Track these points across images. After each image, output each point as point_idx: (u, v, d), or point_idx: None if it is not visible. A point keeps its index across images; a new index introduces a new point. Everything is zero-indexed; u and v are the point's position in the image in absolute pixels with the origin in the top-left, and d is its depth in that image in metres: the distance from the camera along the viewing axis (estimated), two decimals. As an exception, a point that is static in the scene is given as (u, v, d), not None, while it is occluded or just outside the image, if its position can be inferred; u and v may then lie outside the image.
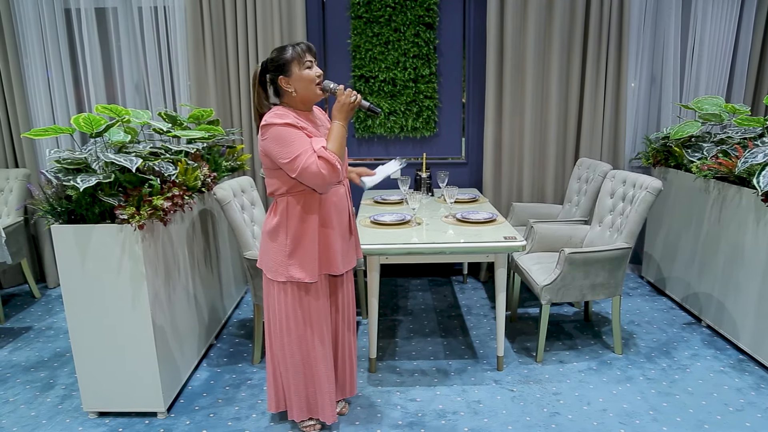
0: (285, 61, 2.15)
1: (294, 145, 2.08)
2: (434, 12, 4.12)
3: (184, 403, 2.77)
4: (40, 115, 4.25)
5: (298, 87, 2.18)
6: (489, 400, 2.74)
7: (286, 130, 2.09)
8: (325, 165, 2.08)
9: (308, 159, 2.07)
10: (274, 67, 2.18)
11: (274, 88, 2.23)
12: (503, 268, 2.85)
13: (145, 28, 4.18)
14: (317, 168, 2.06)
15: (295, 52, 2.15)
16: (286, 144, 2.08)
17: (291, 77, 2.17)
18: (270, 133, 2.10)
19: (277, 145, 2.10)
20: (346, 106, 2.17)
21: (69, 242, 2.39)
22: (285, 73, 2.17)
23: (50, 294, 4.32)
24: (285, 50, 2.16)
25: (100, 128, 2.40)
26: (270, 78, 2.21)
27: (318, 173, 2.07)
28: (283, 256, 2.23)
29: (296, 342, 2.31)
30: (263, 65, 2.22)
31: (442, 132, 4.40)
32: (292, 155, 2.08)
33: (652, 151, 4.09)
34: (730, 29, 4.24)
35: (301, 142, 2.09)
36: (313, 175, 2.07)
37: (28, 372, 3.11)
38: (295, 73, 2.16)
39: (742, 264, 3.07)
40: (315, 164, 2.06)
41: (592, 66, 4.12)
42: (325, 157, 2.08)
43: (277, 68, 2.17)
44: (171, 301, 2.71)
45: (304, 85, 2.18)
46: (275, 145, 2.10)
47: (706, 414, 2.59)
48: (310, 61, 2.18)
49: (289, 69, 2.16)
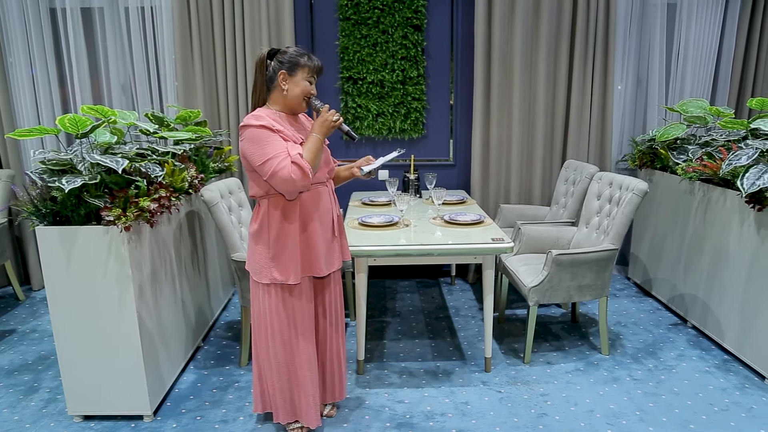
0: (297, 62, 2.19)
1: (267, 147, 2.09)
2: (422, 14, 4.13)
3: (170, 406, 2.75)
4: (25, 116, 4.20)
5: (292, 91, 2.21)
6: (477, 401, 2.75)
7: (260, 131, 2.10)
8: (297, 171, 2.08)
9: (280, 163, 2.07)
10: (283, 61, 2.19)
11: (268, 77, 2.23)
12: (491, 269, 2.86)
13: (131, 28, 4.15)
14: (288, 173, 2.07)
15: (310, 62, 2.22)
16: (260, 146, 2.10)
17: (292, 78, 2.20)
18: (246, 135, 2.12)
19: (251, 146, 2.11)
20: (327, 122, 2.19)
21: (54, 244, 2.36)
22: (289, 71, 2.19)
23: (35, 296, 4.27)
24: (303, 54, 2.21)
25: (85, 129, 2.38)
26: (272, 67, 2.21)
27: (288, 178, 2.07)
28: (266, 258, 2.23)
29: (280, 344, 2.31)
30: (270, 51, 2.23)
31: (430, 134, 4.41)
32: (265, 158, 2.09)
33: (638, 153, 4.12)
34: (715, 33, 4.29)
35: (275, 145, 2.10)
36: (283, 180, 2.08)
37: (11, 375, 3.07)
38: (297, 77, 2.20)
39: (727, 265, 3.10)
40: (287, 168, 2.07)
41: (579, 68, 4.15)
42: (299, 163, 2.08)
43: (285, 63, 2.19)
44: (157, 303, 2.69)
45: (297, 92, 2.21)
46: (250, 146, 2.11)
47: (692, 414, 2.62)
48: (314, 78, 2.26)
49: (295, 71, 2.19)
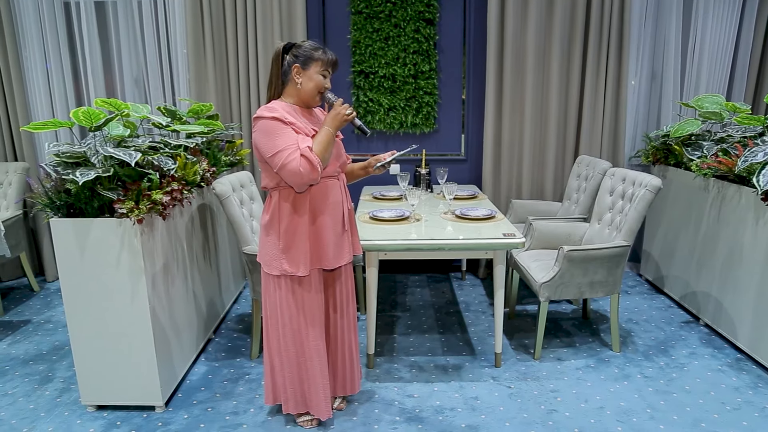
0: (311, 56, 2.20)
1: (278, 139, 2.10)
2: (434, 8, 4.11)
3: (182, 397, 2.77)
4: (40, 109, 4.25)
5: (306, 84, 2.22)
6: (486, 396, 2.75)
7: (273, 123, 2.11)
8: (306, 164, 2.08)
9: (290, 155, 2.08)
10: (298, 55, 2.20)
11: (283, 70, 2.24)
12: (502, 265, 2.85)
13: (144, 22, 4.18)
14: (296, 166, 2.07)
15: (325, 56, 2.22)
16: (271, 138, 2.11)
17: (306, 71, 2.21)
18: (258, 126, 2.14)
19: (263, 137, 2.13)
20: (340, 116, 2.20)
21: (68, 236, 2.38)
22: (303, 65, 2.20)
23: (49, 287, 4.32)
24: (318, 48, 2.22)
25: (99, 122, 2.40)
26: (287, 61, 2.23)
27: (297, 171, 2.08)
28: (276, 250, 2.25)
29: (290, 334, 2.33)
30: (286, 45, 2.24)
31: (442, 128, 4.40)
32: (275, 150, 2.10)
33: (651, 149, 4.08)
34: (732, 27, 4.23)
35: (286, 137, 2.11)
36: (291, 173, 2.09)
37: (26, 365, 3.11)
38: (311, 71, 2.21)
39: (741, 263, 3.07)
40: (296, 161, 2.08)
41: (593, 63, 4.11)
42: (308, 157, 2.09)
43: (300, 57, 2.20)
44: (169, 295, 2.71)
45: (311, 86, 2.22)
46: (262, 138, 2.13)
47: (704, 413, 2.60)
48: (329, 71, 2.25)
49: (309, 64, 2.21)
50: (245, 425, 2.53)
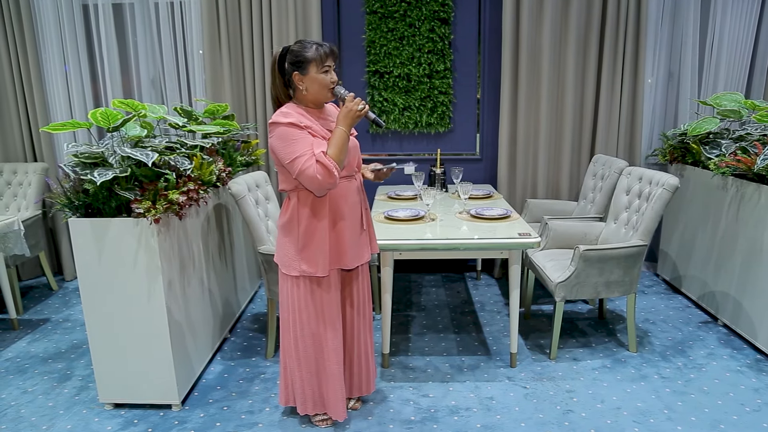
0: (304, 59, 2.14)
1: (295, 145, 2.09)
2: (449, 7, 4.10)
3: (198, 395, 2.79)
4: (58, 110, 4.31)
5: (311, 88, 2.18)
6: (502, 396, 2.74)
7: (288, 130, 2.10)
8: (322, 170, 2.07)
9: (306, 162, 2.07)
10: (293, 62, 2.16)
11: (287, 79, 2.22)
12: (517, 264, 2.84)
13: (161, 23, 4.22)
14: (313, 173, 2.06)
15: (317, 53, 2.13)
16: (287, 144, 2.10)
17: (306, 76, 2.16)
18: (275, 132, 2.13)
19: (280, 143, 2.11)
20: (352, 113, 2.15)
21: (86, 235, 2.41)
22: (301, 71, 2.16)
23: (67, 286, 4.38)
24: (308, 48, 2.14)
25: (116, 123, 2.42)
26: (287, 69, 2.20)
27: (314, 178, 2.07)
28: (294, 251, 2.25)
29: (309, 335, 2.33)
30: (283, 51, 2.19)
31: (457, 128, 4.38)
32: (292, 156, 2.09)
33: (668, 148, 4.04)
34: (750, 24, 4.17)
35: (303, 143, 2.10)
36: (309, 179, 2.08)
37: (45, 363, 3.16)
38: (311, 73, 2.16)
39: (760, 262, 3.03)
40: (312, 168, 2.07)
41: (609, 61, 4.08)
42: (323, 162, 2.07)
43: (295, 63, 2.16)
44: (186, 294, 2.73)
45: (317, 87, 2.18)
46: (279, 144, 2.12)
47: (722, 414, 2.57)
48: (329, 65, 2.18)
49: (306, 68, 2.15)
50: (261, 424, 2.54)
